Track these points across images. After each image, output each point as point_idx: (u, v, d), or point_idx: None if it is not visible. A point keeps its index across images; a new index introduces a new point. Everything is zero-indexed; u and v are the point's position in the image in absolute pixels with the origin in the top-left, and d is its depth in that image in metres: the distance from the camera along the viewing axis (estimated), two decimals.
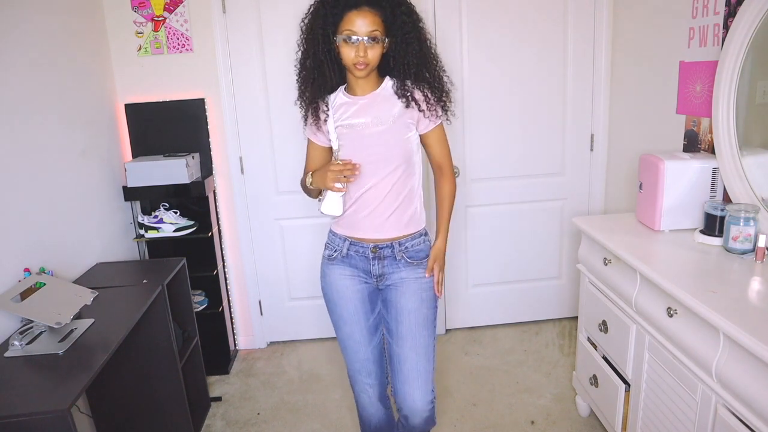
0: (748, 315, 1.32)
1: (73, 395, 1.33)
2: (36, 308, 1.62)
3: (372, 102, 1.62)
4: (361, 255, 1.68)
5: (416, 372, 1.66)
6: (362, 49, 1.51)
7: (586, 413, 2.33)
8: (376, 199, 1.62)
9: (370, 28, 1.50)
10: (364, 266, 1.69)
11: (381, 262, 1.67)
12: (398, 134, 1.61)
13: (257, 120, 2.80)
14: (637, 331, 1.77)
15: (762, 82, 1.78)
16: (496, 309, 3.15)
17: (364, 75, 1.57)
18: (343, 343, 1.77)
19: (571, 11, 2.74)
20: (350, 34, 1.51)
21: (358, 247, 1.67)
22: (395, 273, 1.68)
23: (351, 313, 1.72)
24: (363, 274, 1.70)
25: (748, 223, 1.65)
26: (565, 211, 3.02)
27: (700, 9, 2.00)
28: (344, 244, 1.69)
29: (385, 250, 1.66)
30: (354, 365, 1.79)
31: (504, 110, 2.84)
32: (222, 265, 2.90)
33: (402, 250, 1.66)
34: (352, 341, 1.75)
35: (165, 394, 2.14)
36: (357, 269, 1.70)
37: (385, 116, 1.60)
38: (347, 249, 1.69)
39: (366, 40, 1.51)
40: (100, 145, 2.48)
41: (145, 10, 2.61)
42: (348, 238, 1.69)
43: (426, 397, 1.68)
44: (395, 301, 1.68)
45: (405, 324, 1.67)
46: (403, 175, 1.63)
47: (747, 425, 1.27)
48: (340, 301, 1.72)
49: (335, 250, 1.72)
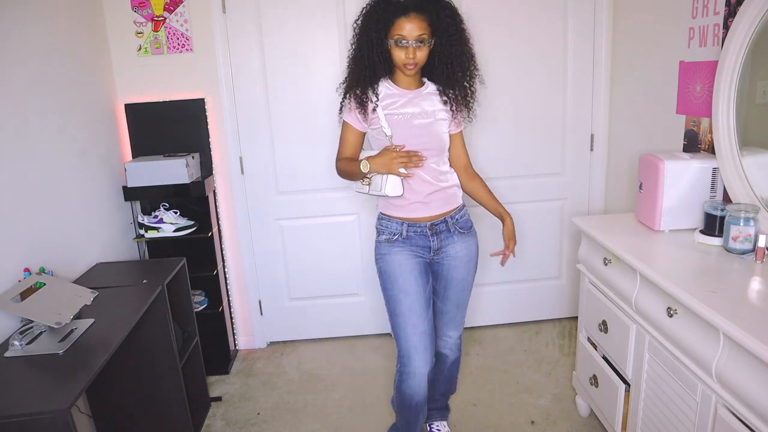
0: (748, 315, 1.32)
1: (73, 395, 1.33)
2: (36, 308, 1.62)
3: (418, 96, 1.82)
4: (420, 234, 1.86)
5: (455, 321, 2.03)
6: (412, 51, 1.70)
7: (586, 413, 2.33)
8: (424, 182, 1.82)
9: (418, 32, 1.69)
10: (423, 243, 1.88)
11: (438, 237, 1.88)
12: (439, 127, 1.83)
13: (257, 120, 2.80)
14: (637, 331, 1.77)
15: (762, 82, 1.78)
16: (496, 309, 3.15)
17: (413, 74, 1.77)
18: (402, 317, 1.85)
19: (570, 11, 2.74)
20: (401, 39, 1.69)
21: (416, 228, 1.86)
22: (450, 244, 1.90)
23: (412, 284, 1.85)
24: (421, 250, 1.89)
25: (748, 223, 1.65)
26: (565, 211, 3.02)
27: (700, 9, 2.00)
28: (402, 227, 1.86)
29: (440, 225, 1.87)
30: (412, 339, 1.85)
31: (504, 110, 2.84)
32: (222, 265, 2.90)
33: (454, 222, 1.90)
34: (412, 313, 1.84)
35: (165, 394, 2.14)
36: (417, 247, 1.88)
37: (429, 111, 1.81)
38: (406, 231, 1.86)
39: (414, 43, 1.69)
40: (100, 145, 2.48)
41: (145, 10, 2.61)
42: (405, 221, 1.86)
43: (458, 332, 2.08)
44: (446, 274, 1.93)
45: (452, 290, 1.96)
46: (441, 161, 1.86)
47: (747, 425, 1.27)
48: (403, 275, 1.85)
49: (394, 233, 1.88)
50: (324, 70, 2.74)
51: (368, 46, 1.73)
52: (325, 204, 2.92)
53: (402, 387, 1.90)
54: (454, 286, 1.95)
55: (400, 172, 1.74)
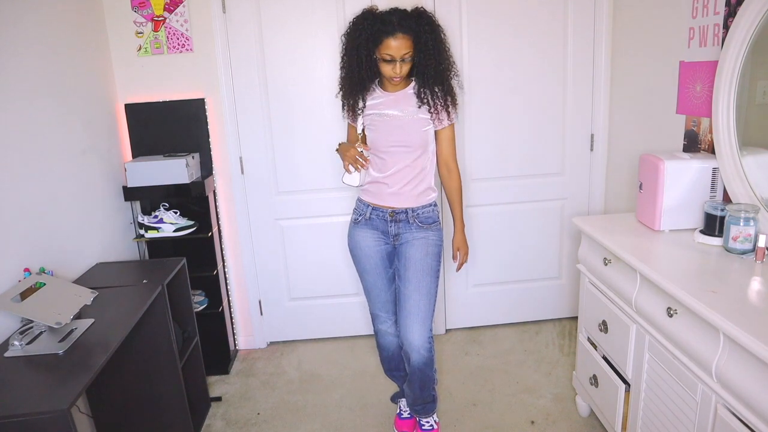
0: (748, 315, 1.32)
1: (73, 395, 1.33)
2: (36, 308, 1.62)
3: (399, 98, 2.00)
4: (380, 218, 2.06)
5: (416, 308, 2.01)
6: (398, 67, 1.88)
7: (586, 413, 2.33)
8: (399, 175, 2.01)
9: (403, 51, 1.86)
10: (383, 228, 2.07)
11: (397, 224, 2.05)
12: (417, 126, 1.99)
13: (257, 120, 2.80)
14: (637, 331, 1.77)
15: (762, 82, 1.78)
16: (496, 309, 3.15)
17: (398, 83, 1.97)
18: (367, 290, 2.17)
19: (571, 11, 2.74)
20: (388, 57, 1.87)
21: (379, 212, 2.06)
22: (408, 233, 2.04)
23: (373, 266, 2.11)
24: (382, 234, 2.08)
25: (748, 223, 1.65)
26: (566, 211, 3.02)
27: (700, 9, 2.00)
28: (368, 209, 2.08)
29: (400, 215, 2.04)
30: (376, 305, 2.17)
31: (504, 110, 2.84)
32: (222, 265, 2.90)
33: (414, 215, 2.04)
34: (375, 288, 2.14)
35: (165, 394, 2.14)
36: (377, 231, 2.08)
37: (408, 111, 1.99)
38: (370, 213, 2.07)
39: (399, 60, 1.87)
40: (100, 145, 2.48)
41: (145, 10, 2.61)
42: (371, 205, 2.07)
43: (424, 334, 2.01)
44: (405, 253, 2.04)
45: (411, 270, 2.02)
46: (420, 159, 2.02)
47: (747, 425, 1.27)
48: (363, 257, 2.11)
49: (360, 214, 2.10)
50: (324, 70, 2.74)
51: (358, 62, 1.93)
52: (325, 204, 2.92)
53: (377, 340, 2.26)
54: (413, 266, 2.01)
55: (348, 168, 2.01)
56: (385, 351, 2.25)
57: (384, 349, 2.25)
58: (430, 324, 2.04)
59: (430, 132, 2.02)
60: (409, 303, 2.01)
